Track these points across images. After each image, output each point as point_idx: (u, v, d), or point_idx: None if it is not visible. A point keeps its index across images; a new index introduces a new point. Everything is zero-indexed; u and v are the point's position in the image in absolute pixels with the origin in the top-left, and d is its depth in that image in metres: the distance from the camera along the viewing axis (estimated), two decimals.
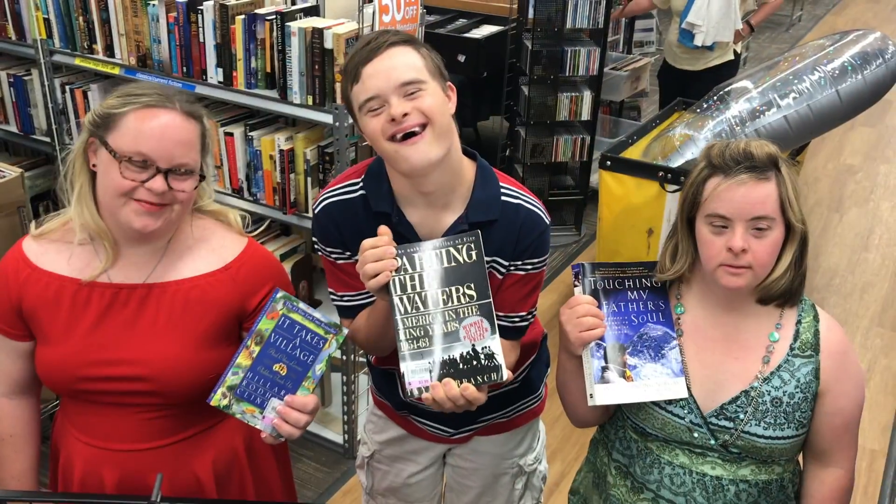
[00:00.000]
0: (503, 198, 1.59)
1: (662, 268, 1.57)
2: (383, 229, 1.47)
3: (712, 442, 1.51)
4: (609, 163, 3.65)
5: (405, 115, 1.43)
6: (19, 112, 3.36)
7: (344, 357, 2.95)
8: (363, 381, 3.22)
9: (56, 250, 1.52)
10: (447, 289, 1.45)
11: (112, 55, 3.02)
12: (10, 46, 3.26)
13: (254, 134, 2.79)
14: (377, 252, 1.43)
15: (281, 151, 2.73)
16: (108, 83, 3.14)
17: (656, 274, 1.58)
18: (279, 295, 1.45)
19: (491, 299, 1.46)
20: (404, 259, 1.45)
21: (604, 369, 1.51)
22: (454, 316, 1.45)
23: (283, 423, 1.43)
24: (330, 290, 1.71)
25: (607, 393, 1.50)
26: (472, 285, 1.45)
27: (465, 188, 1.58)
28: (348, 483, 3.04)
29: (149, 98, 1.45)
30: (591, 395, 1.51)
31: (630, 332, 1.54)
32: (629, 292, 1.56)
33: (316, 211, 1.65)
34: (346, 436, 3.12)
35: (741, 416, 1.49)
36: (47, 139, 3.33)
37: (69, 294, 1.50)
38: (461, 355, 1.44)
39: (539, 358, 1.94)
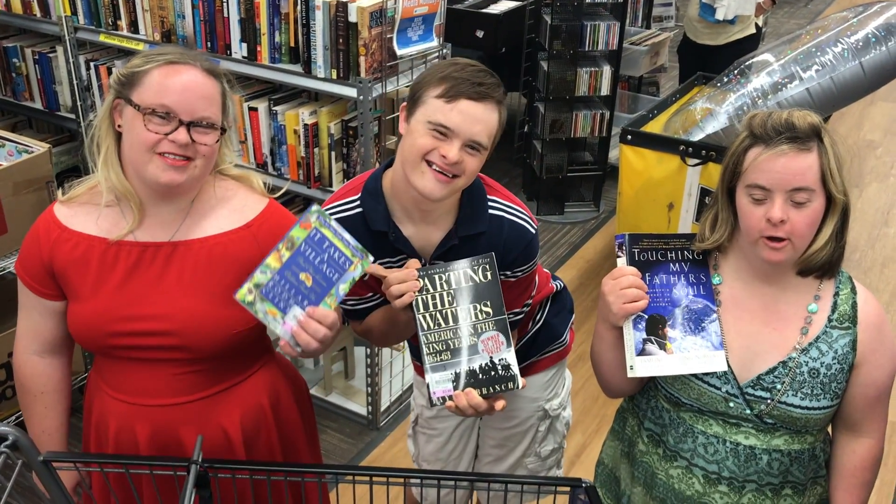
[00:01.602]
0: (490, 210, 1.68)
1: (702, 237, 1.58)
2: (413, 262, 1.59)
3: (748, 412, 1.52)
4: (630, 137, 3.65)
5: (455, 163, 1.52)
6: (44, 89, 3.40)
7: None
8: (386, 354, 3.26)
9: (84, 212, 1.57)
10: (466, 306, 1.56)
11: (136, 31, 3.04)
12: (34, 24, 3.29)
13: (278, 108, 2.81)
14: (401, 275, 1.54)
15: (305, 126, 2.75)
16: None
17: (695, 244, 1.58)
18: (315, 207, 1.50)
19: (506, 315, 1.57)
20: (426, 280, 1.56)
21: (645, 341, 1.52)
22: (473, 331, 1.56)
23: (301, 331, 1.47)
24: None
25: (648, 365, 1.51)
26: (489, 303, 1.57)
27: (454, 204, 1.67)
28: (372, 454, 3.08)
29: (171, 56, 1.50)
30: (632, 367, 1.52)
31: (671, 304, 1.54)
32: (671, 264, 1.57)
33: None
34: (370, 407, 3.16)
35: (778, 386, 1.50)
36: (72, 116, 3.36)
37: (97, 253, 1.55)
38: (480, 366, 1.55)
39: (563, 306, 2.04)
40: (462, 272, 1.57)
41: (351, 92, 2.64)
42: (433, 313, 1.56)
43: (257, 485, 1.61)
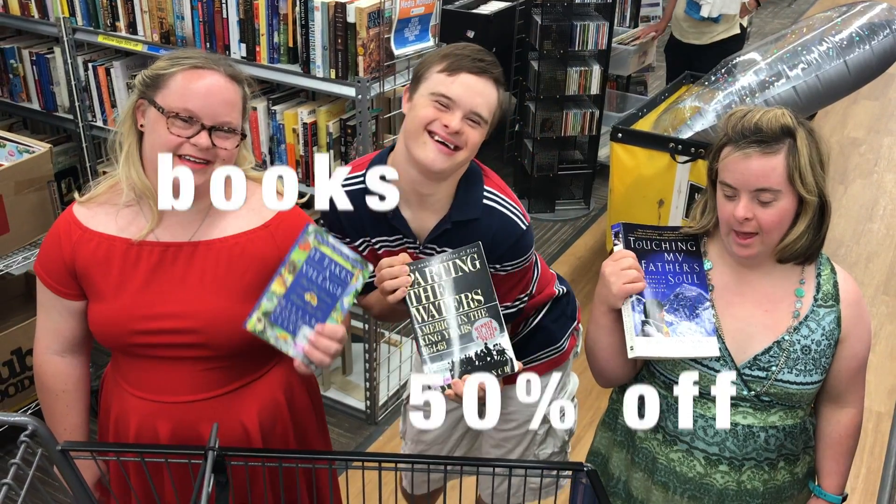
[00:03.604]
0: (484, 200, 1.72)
1: (693, 220, 1.65)
2: (403, 257, 1.62)
3: (746, 392, 1.58)
4: (620, 135, 3.71)
5: (456, 132, 1.57)
6: (42, 90, 3.42)
7: (366, 326, 3.03)
8: (384, 349, 3.31)
9: (104, 212, 1.60)
10: (458, 296, 1.61)
11: (135, 32, 3.07)
12: (32, 25, 3.31)
13: (277, 108, 2.85)
14: (393, 270, 1.59)
15: (304, 125, 2.79)
16: (130, 60, 3.20)
17: (686, 226, 1.65)
18: (311, 228, 1.52)
19: (497, 301, 1.61)
20: (416, 274, 1.60)
21: (644, 323, 1.57)
22: (466, 319, 1.60)
23: (313, 349, 1.50)
24: None
25: (647, 345, 1.56)
26: (479, 291, 1.61)
27: (450, 191, 1.71)
28: (370, 448, 3.13)
29: (196, 60, 1.53)
30: (632, 348, 1.56)
31: (666, 290, 1.60)
32: (665, 254, 1.63)
33: None
34: (368, 402, 3.20)
35: (773, 367, 1.57)
36: (70, 116, 3.38)
37: (119, 253, 1.58)
38: (476, 353, 1.60)
39: (563, 312, 2.04)
40: (451, 263, 1.61)
41: (349, 91, 2.68)
42: (426, 305, 1.60)
43: (272, 473, 1.66)
